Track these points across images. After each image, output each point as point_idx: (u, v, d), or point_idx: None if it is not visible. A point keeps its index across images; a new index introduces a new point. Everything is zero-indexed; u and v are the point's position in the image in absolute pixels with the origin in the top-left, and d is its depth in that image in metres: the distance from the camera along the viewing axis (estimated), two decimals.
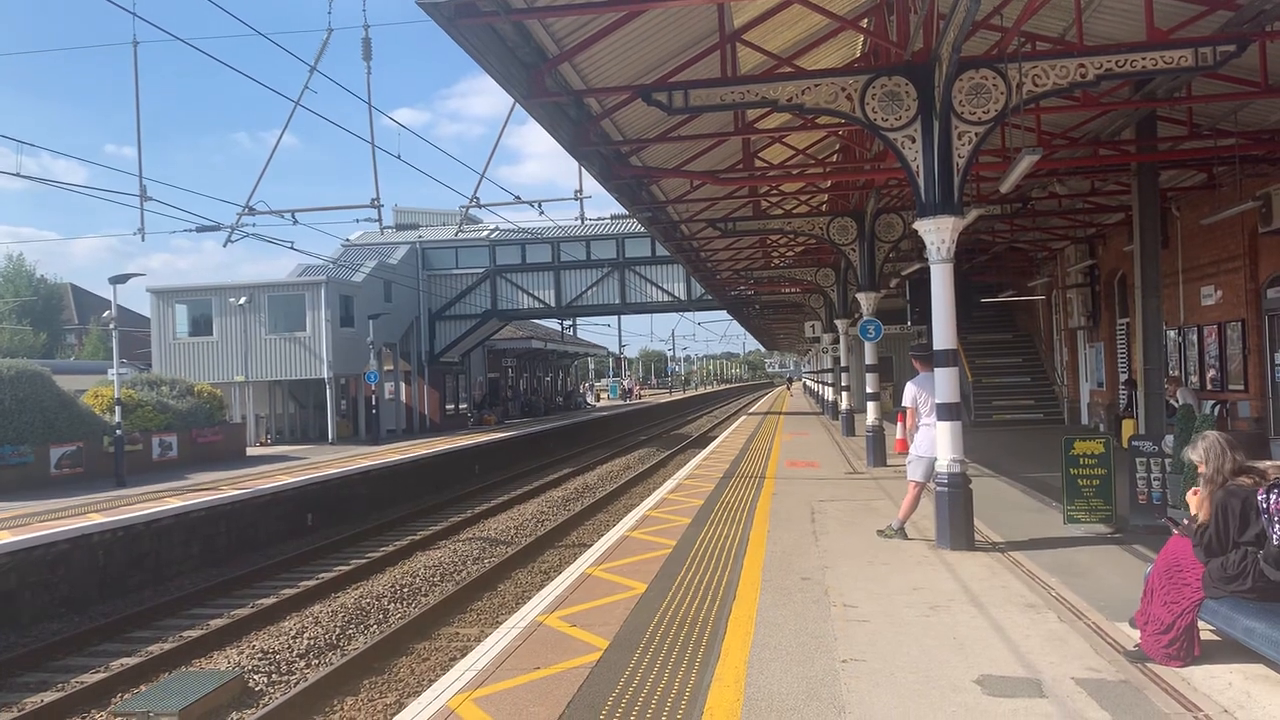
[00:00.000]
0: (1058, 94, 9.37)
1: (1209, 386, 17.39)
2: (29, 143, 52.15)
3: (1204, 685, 5.23)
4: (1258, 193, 14.46)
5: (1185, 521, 5.97)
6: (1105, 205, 19.26)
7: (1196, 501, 5.81)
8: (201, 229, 21.91)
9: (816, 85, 9.65)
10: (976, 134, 9.09)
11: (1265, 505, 5.29)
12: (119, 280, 21.84)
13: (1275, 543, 5.21)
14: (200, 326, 33.79)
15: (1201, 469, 5.73)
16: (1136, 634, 5.85)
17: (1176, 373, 18.33)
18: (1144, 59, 8.94)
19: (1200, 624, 5.63)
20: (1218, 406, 16.53)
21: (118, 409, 21.44)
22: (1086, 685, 5.26)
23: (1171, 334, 18.42)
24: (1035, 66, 9.01)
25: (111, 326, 22.10)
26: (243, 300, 32.68)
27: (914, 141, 9.31)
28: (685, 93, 9.94)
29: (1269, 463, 6.66)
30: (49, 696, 9.41)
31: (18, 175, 17.04)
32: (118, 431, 21.19)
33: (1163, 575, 5.74)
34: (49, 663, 10.80)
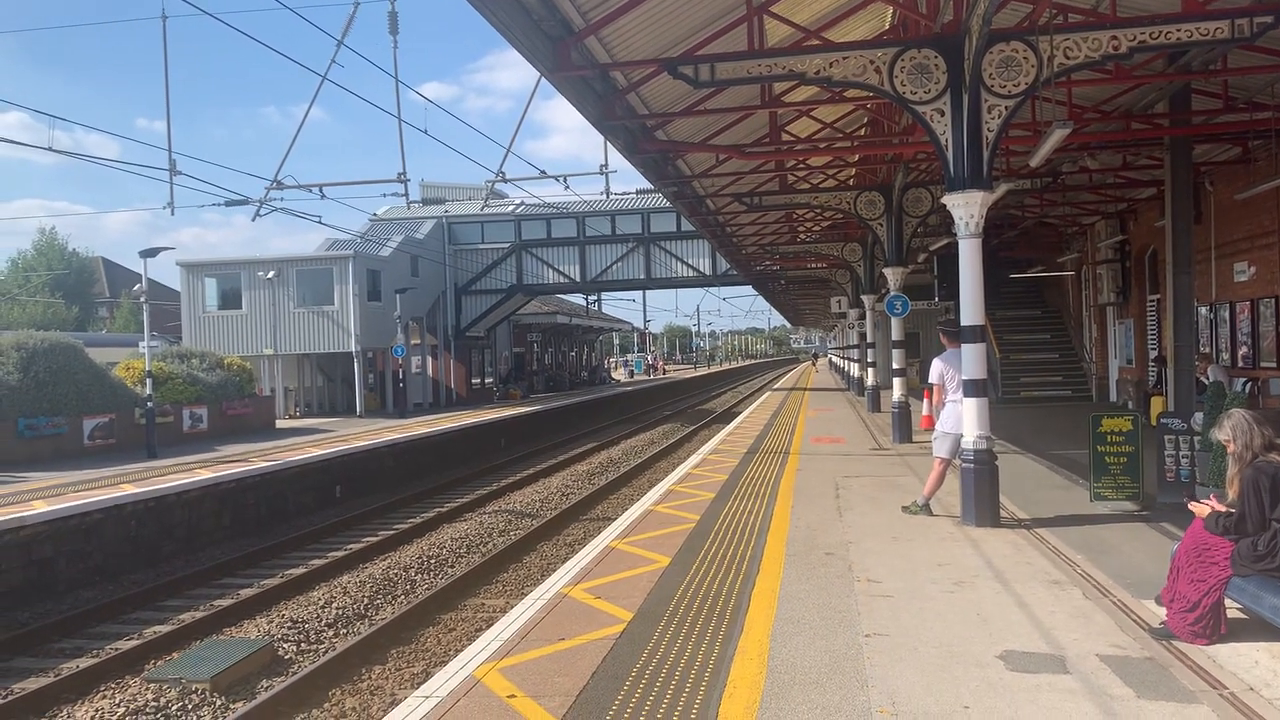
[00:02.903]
0: (1090, 67, 9.23)
1: (1240, 364, 17.19)
2: (61, 117, 52.61)
3: (1230, 663, 5.22)
4: None
5: (1208, 499, 5.92)
6: (1137, 180, 19.01)
7: (1228, 479, 5.77)
8: (230, 203, 22.03)
9: (845, 58, 9.56)
10: (1007, 107, 8.98)
11: None
12: (149, 254, 22.04)
13: None
14: (229, 300, 34.07)
15: (1230, 447, 5.69)
16: (1162, 611, 5.84)
17: (1207, 349, 18.13)
18: (1179, 30, 8.78)
19: (1227, 602, 5.60)
20: (1249, 384, 16.34)
21: (149, 381, 21.69)
22: (1111, 662, 5.25)
23: (1203, 310, 18.20)
24: (1067, 39, 8.88)
25: (142, 300, 22.32)
26: (271, 274, 32.91)
27: (943, 115, 9.22)
28: (712, 66, 9.87)
29: None
30: (84, 662, 9.61)
31: (50, 150, 17.19)
32: (149, 404, 21.46)
33: (1190, 553, 5.71)
34: (84, 629, 11.01)
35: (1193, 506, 6.01)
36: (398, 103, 29.99)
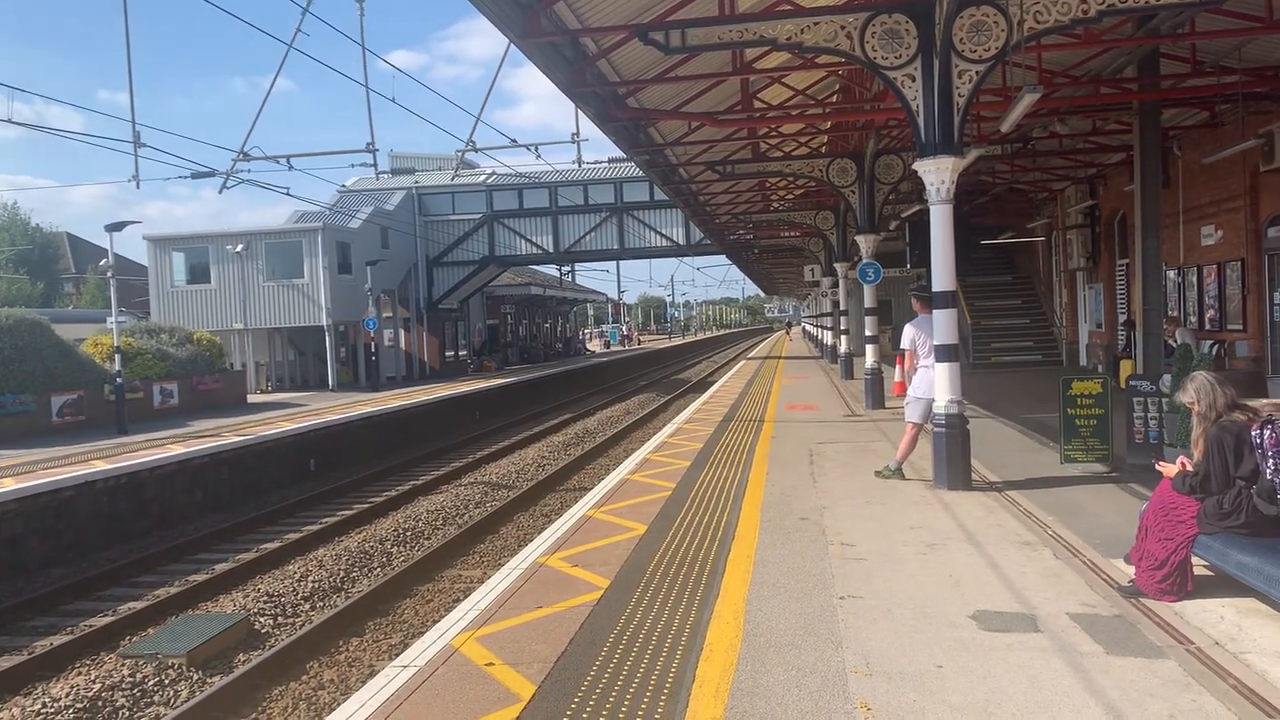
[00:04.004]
0: (1059, 31, 9.23)
1: (1208, 326, 17.41)
2: (21, 88, 51.56)
3: (1196, 619, 5.31)
4: (1260, 131, 14.35)
5: (1177, 461, 6.01)
6: (1106, 145, 19.12)
7: (1193, 439, 5.85)
8: (197, 175, 21.81)
9: (816, 23, 9.51)
10: (977, 72, 8.99)
11: (1259, 441, 5.33)
12: (115, 228, 21.74)
13: (1269, 477, 5.26)
14: (198, 274, 33.66)
15: (1195, 409, 5.76)
16: (1131, 570, 5.93)
17: (1175, 313, 18.33)
18: None
19: (1194, 559, 5.69)
20: (1216, 346, 16.57)
21: (118, 357, 21.47)
22: (1081, 620, 5.33)
23: (1171, 274, 18.39)
24: (1037, 3, 8.86)
25: (109, 275, 22.07)
26: (240, 247, 32.53)
27: (914, 80, 9.21)
28: (682, 32, 9.81)
29: (1264, 401, 6.69)
30: (58, 639, 9.55)
31: (9, 122, 16.88)
32: (118, 380, 21.24)
33: (1158, 512, 5.80)
34: (57, 607, 10.94)
35: (1160, 467, 6.10)
36: (365, 71, 29.69)
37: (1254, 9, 11.28)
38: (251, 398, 29.92)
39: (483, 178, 40.45)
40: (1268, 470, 5.28)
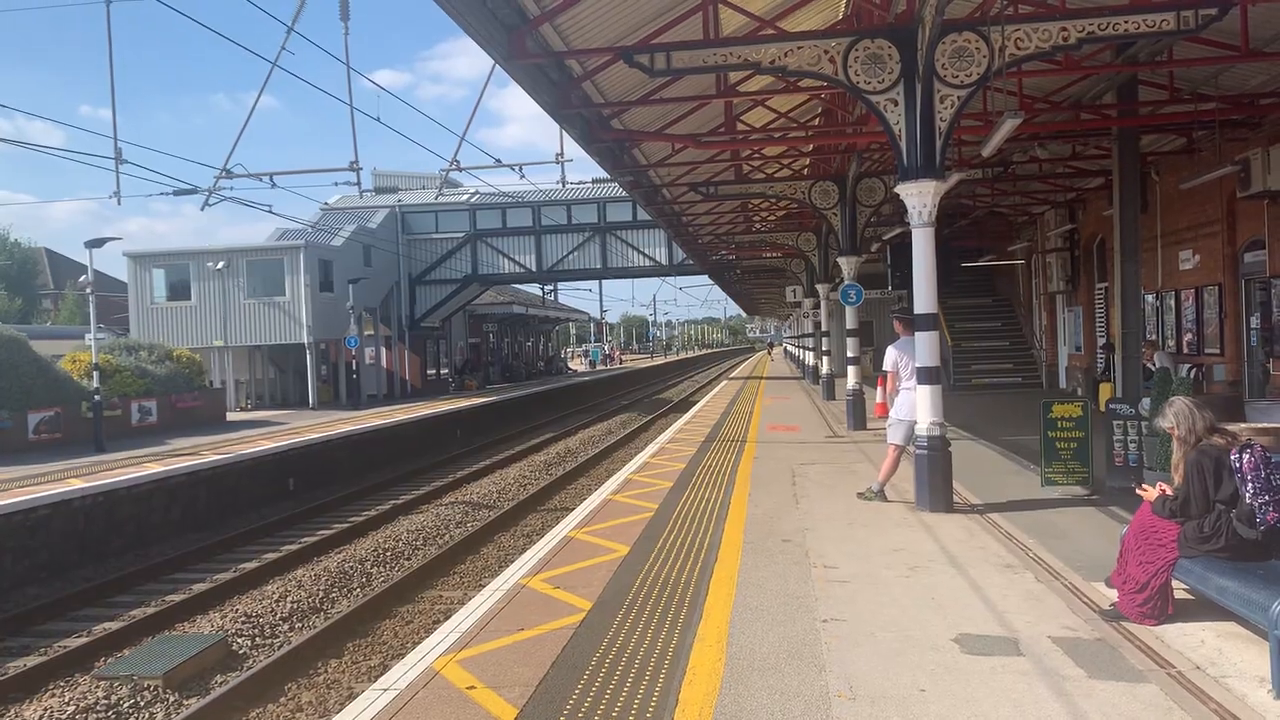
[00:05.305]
0: (1040, 57, 9.34)
1: (1185, 350, 17.56)
2: (1, 103, 51.22)
3: (1177, 643, 5.33)
4: (1236, 157, 14.52)
5: (1160, 487, 6.04)
6: (1086, 169, 19.30)
7: (1173, 463, 5.90)
8: (179, 192, 21.69)
9: (799, 48, 9.59)
10: (959, 97, 9.08)
11: (1238, 465, 5.38)
12: (95, 244, 21.60)
13: (1248, 501, 5.31)
14: (178, 291, 33.44)
15: (1174, 433, 5.81)
16: (1113, 593, 5.95)
17: (1154, 337, 18.49)
18: (1126, 22, 8.92)
19: (1175, 583, 5.72)
20: (1194, 370, 16.70)
21: (96, 374, 21.29)
22: (1062, 643, 5.34)
23: (1149, 298, 18.55)
24: (1018, 29, 8.98)
25: (88, 291, 21.90)
26: (221, 265, 32.35)
27: (896, 105, 9.29)
28: (667, 55, 9.86)
29: (1242, 425, 6.76)
30: (31, 661, 9.41)
31: None
32: (96, 397, 21.05)
33: (1138, 535, 5.83)
34: (31, 627, 10.79)
35: (1141, 490, 6.13)
36: (349, 90, 29.66)
37: (1230, 38, 11.44)
38: (231, 415, 29.71)
39: (466, 197, 40.45)
40: (1246, 494, 5.32)
